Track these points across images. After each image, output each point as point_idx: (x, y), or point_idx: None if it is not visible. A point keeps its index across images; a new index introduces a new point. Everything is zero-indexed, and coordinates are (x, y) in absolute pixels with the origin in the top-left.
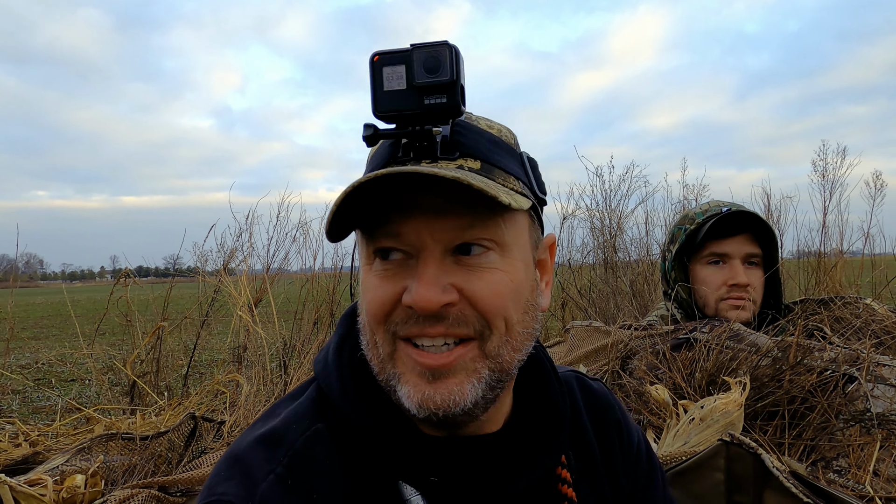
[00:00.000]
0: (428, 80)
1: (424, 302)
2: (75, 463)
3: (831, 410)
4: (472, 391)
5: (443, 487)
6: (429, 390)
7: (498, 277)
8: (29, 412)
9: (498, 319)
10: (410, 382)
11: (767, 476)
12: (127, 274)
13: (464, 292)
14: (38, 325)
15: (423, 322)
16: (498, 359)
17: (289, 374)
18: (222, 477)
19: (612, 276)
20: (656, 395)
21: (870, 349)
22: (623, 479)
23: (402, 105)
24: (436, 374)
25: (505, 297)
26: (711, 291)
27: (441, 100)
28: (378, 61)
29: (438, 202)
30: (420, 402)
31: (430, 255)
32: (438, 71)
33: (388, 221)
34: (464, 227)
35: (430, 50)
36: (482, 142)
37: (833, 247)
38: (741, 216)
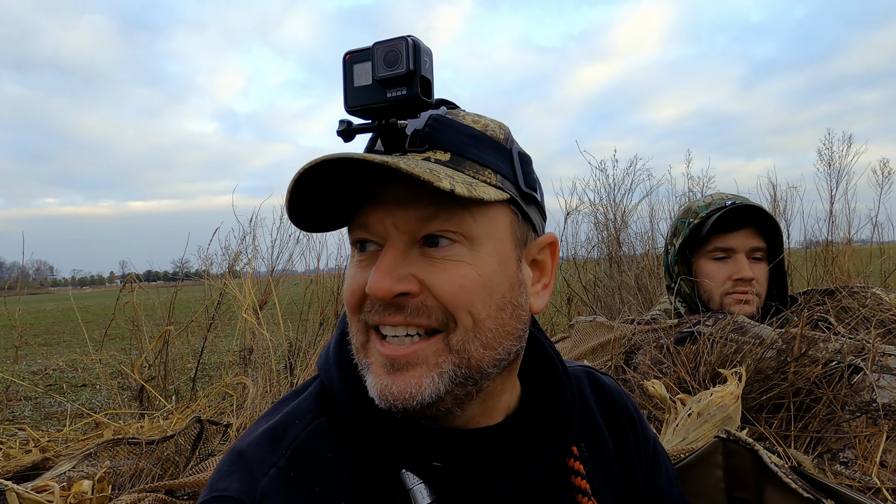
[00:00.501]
0: (387, 74)
1: (377, 289)
2: (82, 468)
3: (837, 402)
4: (431, 385)
5: (445, 475)
6: (388, 381)
7: (463, 270)
8: (41, 418)
9: (462, 313)
10: (374, 372)
11: (767, 472)
12: (133, 279)
13: (425, 283)
14: (48, 331)
15: (383, 310)
16: (464, 354)
17: (295, 375)
18: (225, 472)
19: (617, 270)
20: (653, 390)
21: (875, 338)
22: (638, 473)
23: (368, 100)
24: (395, 365)
25: (470, 291)
26: (716, 286)
27: (401, 92)
28: (349, 59)
29: (402, 193)
30: (380, 393)
31: (392, 245)
32: (396, 64)
33: (359, 212)
34: (427, 217)
35: (388, 44)
36: (456, 135)
37: (841, 236)
38: (746, 210)
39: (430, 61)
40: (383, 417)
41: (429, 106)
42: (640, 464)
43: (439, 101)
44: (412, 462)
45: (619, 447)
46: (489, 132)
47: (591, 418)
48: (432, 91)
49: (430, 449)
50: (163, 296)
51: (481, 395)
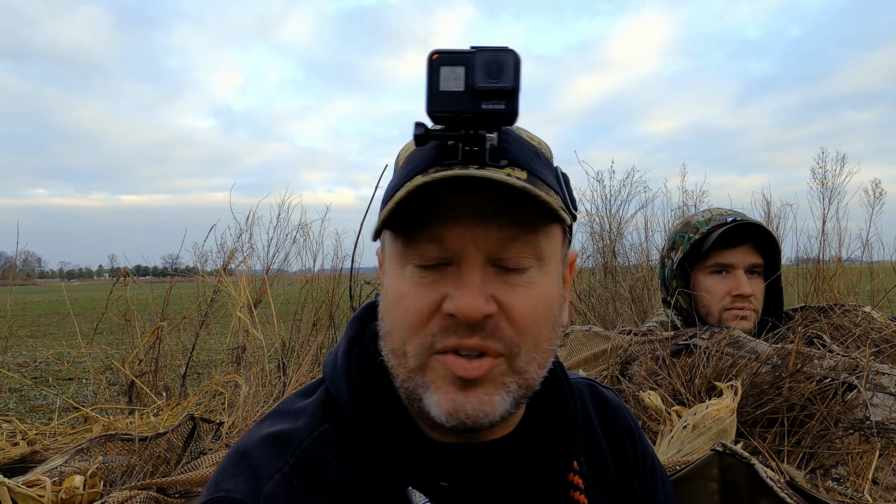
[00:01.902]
0: (489, 86)
1: (469, 310)
2: (74, 463)
3: (830, 418)
4: (501, 404)
5: (452, 492)
6: (460, 398)
7: (535, 293)
8: (25, 411)
9: (528, 337)
10: (441, 390)
11: (762, 485)
12: (126, 273)
13: (503, 306)
14: (35, 323)
15: (461, 332)
16: (525, 375)
17: (287, 375)
18: (229, 473)
19: (612, 280)
20: (649, 401)
21: (869, 357)
22: (636, 489)
23: (458, 107)
24: (468, 382)
25: (539, 315)
26: (715, 301)
27: (499, 106)
28: (437, 60)
29: (485, 209)
30: (451, 411)
31: (475, 263)
32: (500, 76)
33: (431, 226)
34: (508, 239)
35: (493, 54)
36: (526, 152)
37: (832, 254)
38: (746, 227)
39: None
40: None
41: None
42: (639, 479)
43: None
44: (418, 479)
45: (618, 462)
46: (542, 150)
47: (592, 432)
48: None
49: (437, 467)
50: (156, 291)
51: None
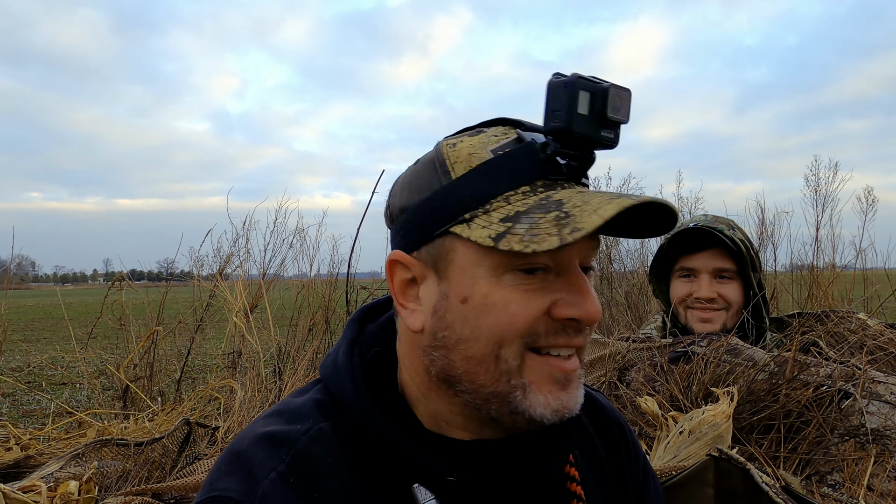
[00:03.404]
0: (612, 116)
1: (597, 314)
2: (69, 469)
3: (826, 425)
4: (583, 395)
5: (458, 489)
6: (564, 395)
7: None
8: (19, 415)
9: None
10: (545, 390)
11: (757, 491)
12: (122, 277)
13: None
14: (28, 327)
15: (573, 334)
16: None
17: (283, 380)
18: (223, 473)
19: (608, 286)
20: (646, 406)
21: (865, 365)
22: (630, 484)
23: (590, 132)
24: (568, 379)
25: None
26: (678, 304)
27: (611, 135)
28: (578, 83)
29: None
30: (557, 409)
31: (579, 271)
32: (620, 111)
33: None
34: (594, 248)
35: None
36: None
37: (826, 261)
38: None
39: None
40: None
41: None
42: (631, 474)
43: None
44: (424, 476)
45: (611, 458)
46: None
47: (583, 429)
48: None
49: (444, 462)
50: (152, 295)
51: None
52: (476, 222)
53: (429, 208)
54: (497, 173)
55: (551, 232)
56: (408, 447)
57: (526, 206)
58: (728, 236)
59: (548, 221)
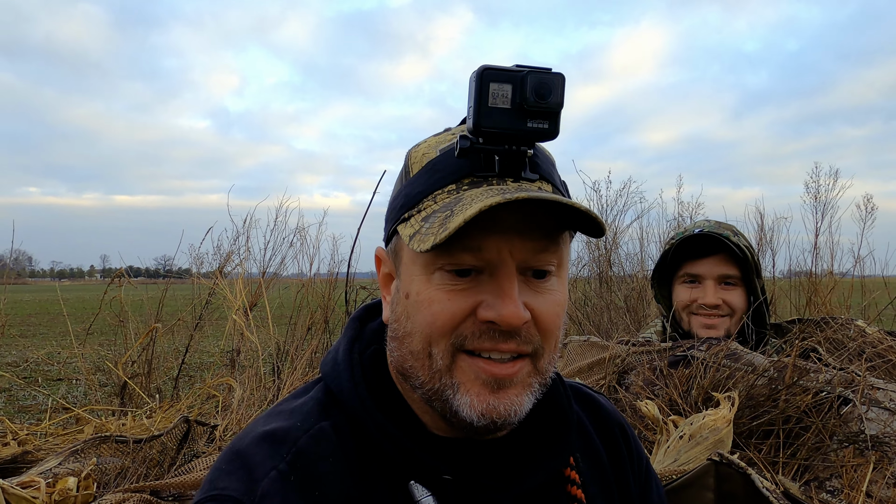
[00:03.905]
0: (538, 106)
1: (513, 318)
2: (68, 465)
3: (826, 431)
4: (527, 403)
5: (454, 487)
6: (493, 400)
7: (557, 299)
8: (15, 411)
9: (551, 339)
10: (473, 392)
11: (757, 496)
12: (121, 273)
13: (533, 312)
14: (24, 322)
15: (497, 337)
16: (545, 374)
17: (281, 379)
18: (223, 472)
19: (607, 290)
20: (646, 410)
21: (865, 372)
22: (632, 486)
23: (506, 124)
24: (500, 383)
25: (560, 319)
26: (682, 309)
27: (543, 125)
28: (486, 75)
29: (520, 222)
30: (483, 412)
31: (510, 273)
32: (549, 97)
33: (468, 236)
34: (539, 249)
35: (543, 75)
36: (548, 165)
37: (824, 268)
38: (712, 238)
39: None
40: (393, 427)
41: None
42: (634, 477)
43: None
44: (421, 473)
45: (613, 460)
46: (551, 159)
47: (584, 431)
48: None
49: (441, 461)
50: (151, 292)
51: None
52: (410, 221)
53: (392, 206)
54: (433, 173)
55: (435, 232)
56: (405, 445)
57: (441, 204)
58: (734, 242)
59: (438, 221)
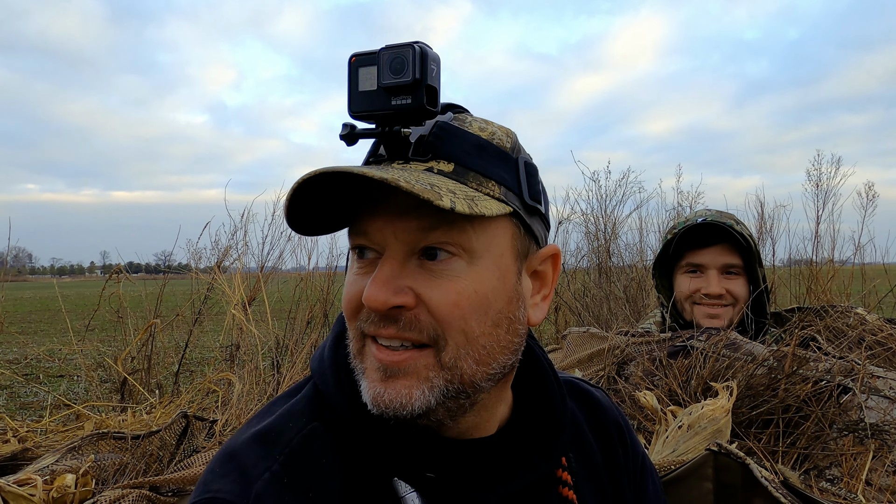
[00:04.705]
0: (393, 81)
1: (372, 301)
2: (66, 462)
3: (825, 420)
4: (422, 397)
5: (438, 485)
6: (381, 387)
7: (460, 286)
8: (16, 408)
9: (453, 330)
10: (370, 378)
11: (756, 485)
12: (119, 270)
13: (421, 297)
14: (25, 319)
15: (377, 322)
16: (456, 370)
17: (281, 373)
18: (217, 474)
19: (606, 280)
20: (644, 401)
21: (865, 360)
22: (627, 487)
23: (372, 105)
24: (388, 371)
25: (465, 308)
26: (684, 299)
27: (406, 101)
28: (355, 62)
29: (404, 203)
30: (373, 398)
31: (391, 256)
32: (402, 72)
33: (360, 219)
34: (427, 228)
35: (395, 51)
36: (461, 145)
37: (825, 256)
38: (715, 227)
39: (438, 69)
40: (378, 424)
41: (434, 114)
42: (629, 477)
43: (446, 106)
44: (405, 471)
45: (607, 460)
46: (495, 140)
47: (579, 430)
48: (438, 99)
49: (424, 459)
50: (149, 288)
51: (476, 407)
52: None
53: None
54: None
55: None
56: (386, 441)
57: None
58: (738, 231)
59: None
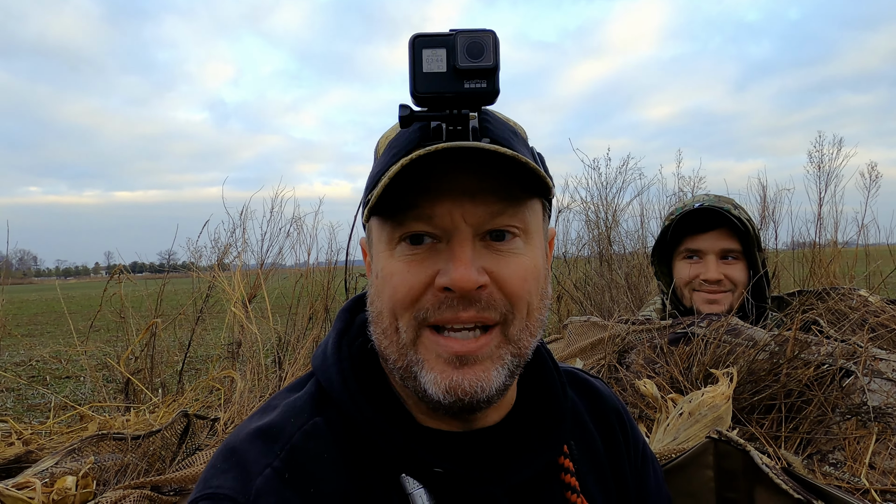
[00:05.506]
0: (470, 65)
1: (464, 282)
2: (66, 464)
3: (828, 404)
4: (497, 377)
5: (446, 479)
6: (457, 376)
7: (524, 263)
8: (23, 410)
9: (522, 304)
10: (437, 369)
11: (757, 472)
12: (120, 270)
13: (493, 276)
14: (31, 321)
15: (456, 306)
16: (519, 343)
17: (283, 369)
18: (218, 469)
19: (608, 268)
20: (645, 389)
21: (867, 343)
22: (628, 474)
23: (441, 87)
24: (463, 360)
25: (529, 283)
26: (684, 285)
27: (481, 85)
28: (418, 43)
29: (471, 185)
30: (448, 388)
31: (465, 238)
32: (482, 56)
33: (418, 205)
34: (495, 212)
35: (473, 35)
36: (506, 131)
37: (828, 238)
38: (713, 212)
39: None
40: (385, 420)
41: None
42: (630, 464)
43: None
44: (412, 466)
45: (608, 448)
46: (518, 130)
47: (580, 419)
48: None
49: (431, 454)
50: (150, 287)
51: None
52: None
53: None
54: (389, 151)
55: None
56: (395, 439)
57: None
58: (735, 216)
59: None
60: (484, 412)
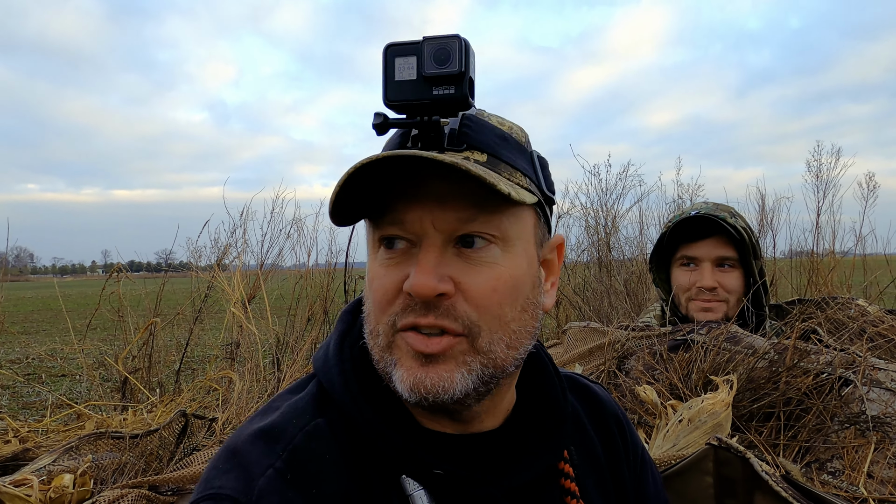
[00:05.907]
0: (437, 71)
1: (420, 287)
2: (64, 462)
3: (826, 413)
4: (462, 381)
5: (446, 481)
6: (421, 373)
7: (497, 272)
8: (18, 408)
9: (489, 316)
10: (405, 366)
11: (756, 479)
12: (119, 269)
13: (460, 286)
14: (27, 319)
15: (417, 311)
16: (490, 355)
17: (282, 370)
18: (220, 470)
19: (607, 274)
20: (644, 395)
21: (866, 352)
22: (627, 479)
23: (411, 95)
24: (428, 358)
25: (501, 294)
26: (680, 293)
27: (449, 91)
28: (391, 51)
29: (442, 191)
30: (412, 386)
31: (432, 244)
32: (447, 62)
33: (393, 209)
34: (466, 218)
35: (440, 41)
36: (490, 136)
37: (826, 247)
38: (708, 220)
39: (474, 63)
40: (385, 421)
41: (470, 106)
42: (629, 470)
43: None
44: (412, 468)
45: (608, 452)
46: (514, 134)
47: (579, 423)
48: (474, 92)
49: (431, 455)
50: (149, 286)
51: (494, 391)
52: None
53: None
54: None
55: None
56: (395, 439)
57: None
58: (731, 224)
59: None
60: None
